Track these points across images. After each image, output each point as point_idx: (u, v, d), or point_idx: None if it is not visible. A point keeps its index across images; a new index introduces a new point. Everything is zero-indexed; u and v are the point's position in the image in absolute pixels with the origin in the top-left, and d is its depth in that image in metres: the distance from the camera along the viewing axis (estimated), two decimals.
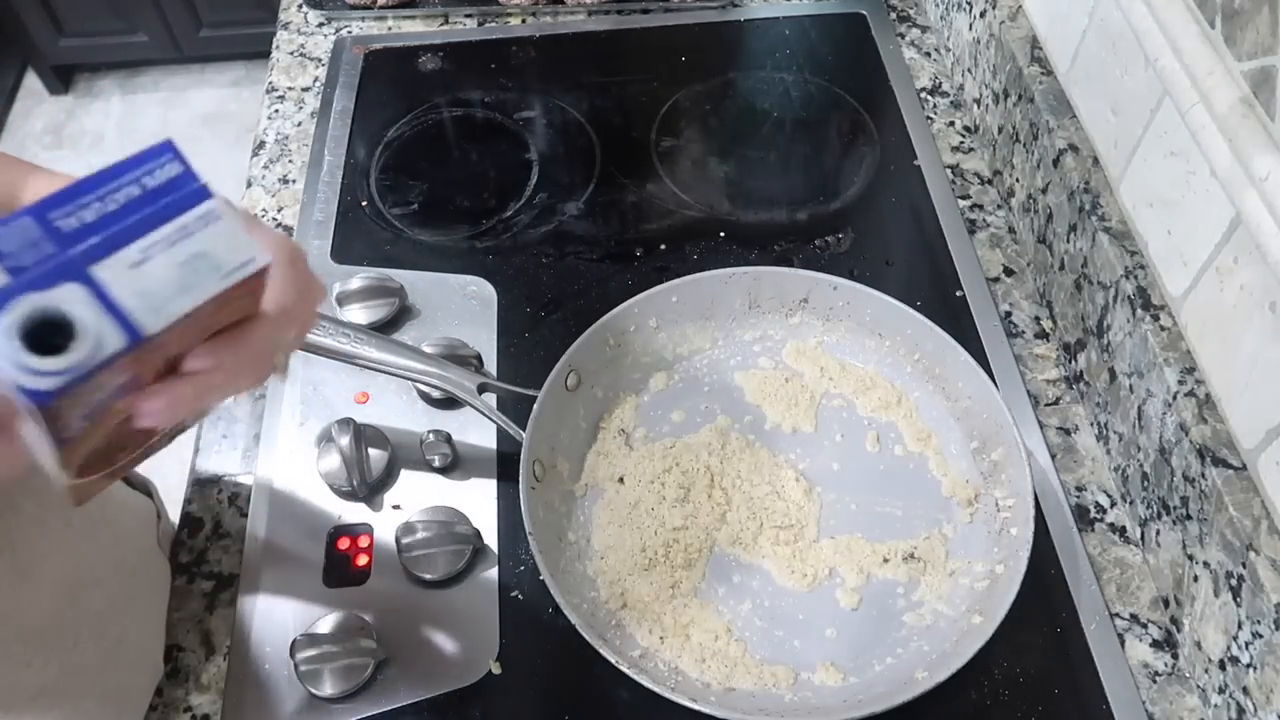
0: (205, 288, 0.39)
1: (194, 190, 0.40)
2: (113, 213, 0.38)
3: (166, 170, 0.40)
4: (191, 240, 0.39)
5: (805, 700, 0.63)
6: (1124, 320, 0.71)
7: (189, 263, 0.39)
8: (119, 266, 0.37)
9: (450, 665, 0.65)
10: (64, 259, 0.36)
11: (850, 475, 0.73)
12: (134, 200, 0.39)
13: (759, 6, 1.09)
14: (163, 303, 0.38)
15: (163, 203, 0.39)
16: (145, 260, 0.38)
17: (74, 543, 0.60)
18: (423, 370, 0.70)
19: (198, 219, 0.39)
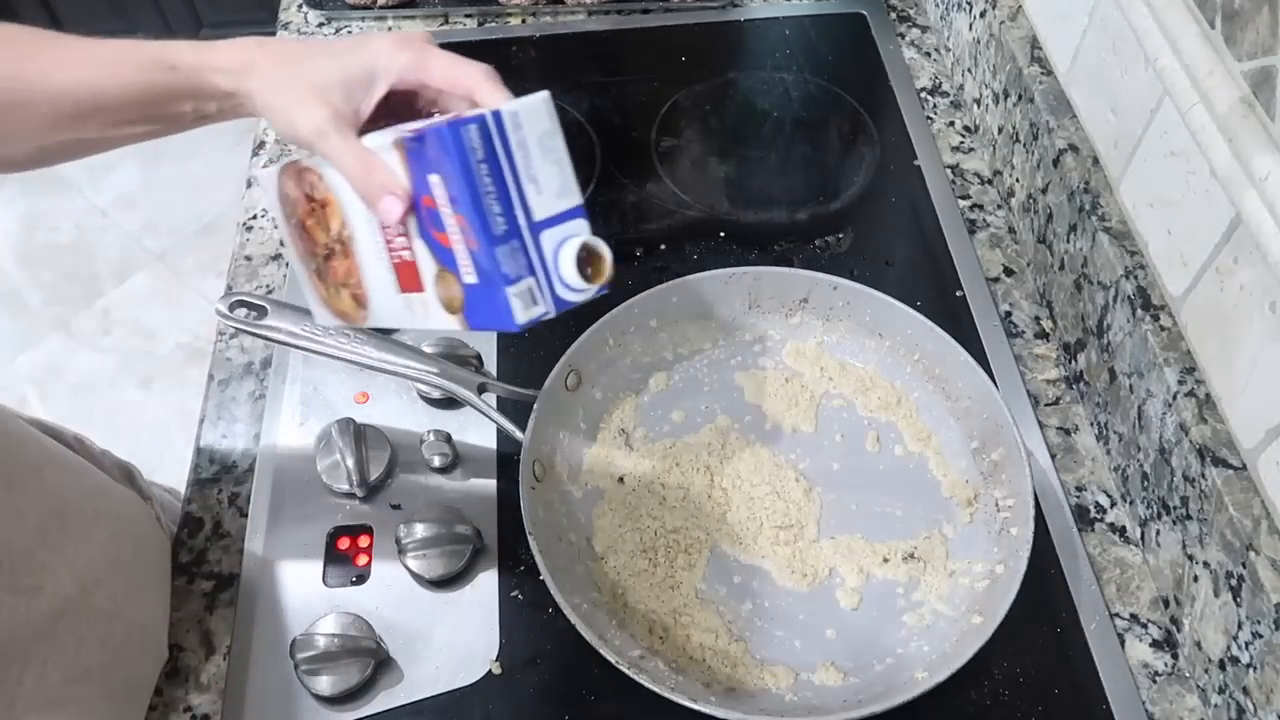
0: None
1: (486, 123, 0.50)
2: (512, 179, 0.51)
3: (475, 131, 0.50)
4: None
5: (805, 700, 0.63)
6: (1124, 320, 0.71)
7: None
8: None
9: (450, 665, 0.65)
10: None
11: (850, 475, 0.73)
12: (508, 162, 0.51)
13: (759, 6, 1.09)
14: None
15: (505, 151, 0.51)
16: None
17: (70, 549, 0.59)
18: (423, 370, 0.70)
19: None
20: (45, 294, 2.12)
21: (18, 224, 2.24)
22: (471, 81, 0.55)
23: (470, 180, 0.49)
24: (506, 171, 0.51)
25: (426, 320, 0.57)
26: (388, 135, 0.53)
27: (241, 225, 0.91)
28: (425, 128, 0.51)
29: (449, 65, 0.56)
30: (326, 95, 0.54)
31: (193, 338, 2.03)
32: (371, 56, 0.55)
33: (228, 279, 0.87)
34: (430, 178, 0.51)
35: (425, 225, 0.53)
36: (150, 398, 1.96)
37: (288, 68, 0.55)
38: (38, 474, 0.59)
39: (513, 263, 0.51)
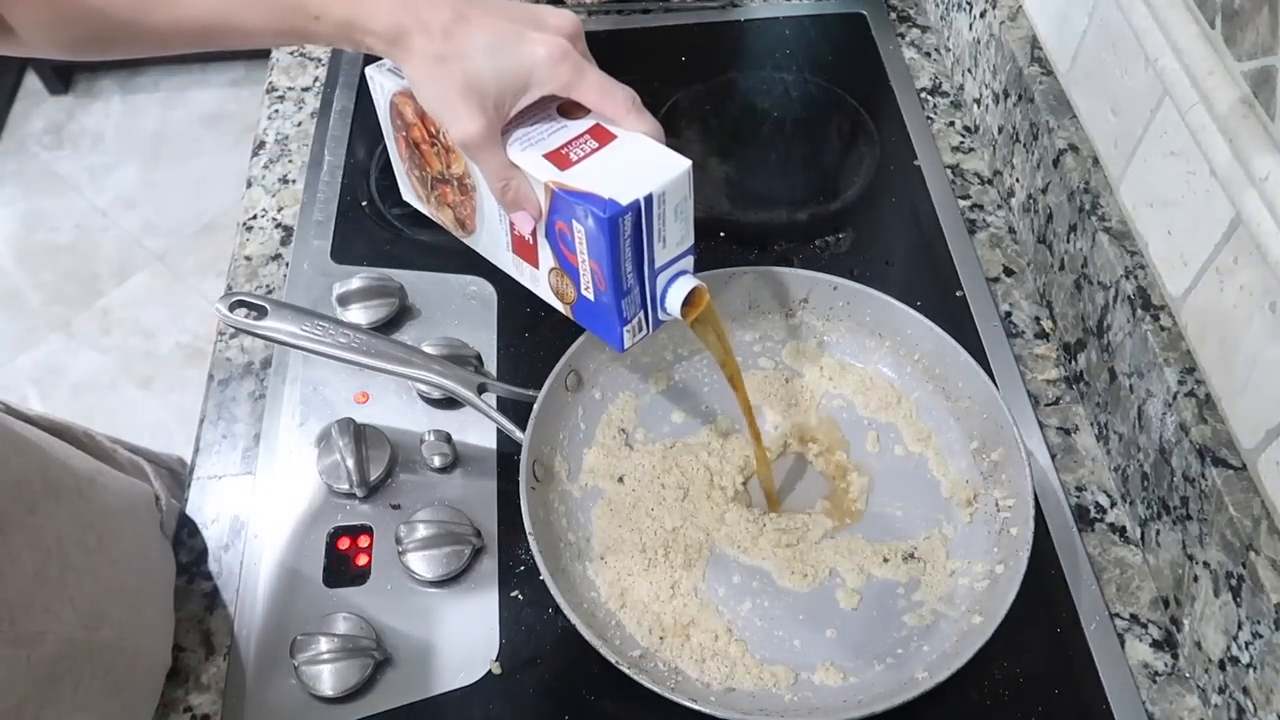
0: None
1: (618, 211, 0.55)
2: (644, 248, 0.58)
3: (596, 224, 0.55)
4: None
5: (805, 700, 0.63)
6: (1124, 320, 0.71)
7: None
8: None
9: (450, 665, 0.65)
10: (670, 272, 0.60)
11: (849, 476, 0.73)
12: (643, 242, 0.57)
13: (759, 6, 1.09)
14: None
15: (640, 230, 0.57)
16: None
17: (73, 588, 0.57)
18: (423, 370, 0.70)
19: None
20: (45, 294, 2.12)
21: (18, 224, 2.24)
22: (618, 109, 0.58)
23: (614, 253, 0.55)
24: (645, 240, 0.57)
25: (533, 287, 0.64)
26: (539, 163, 0.57)
27: (241, 225, 0.91)
28: (578, 190, 0.55)
29: (600, 90, 0.57)
30: (481, 101, 0.55)
31: (193, 338, 2.03)
32: (529, 66, 0.55)
33: (228, 279, 0.87)
34: (574, 225, 0.56)
35: (554, 235, 0.58)
36: (150, 398, 1.96)
37: (442, 58, 0.54)
38: (31, 514, 0.55)
39: (631, 307, 0.59)
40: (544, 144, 0.58)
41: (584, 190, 0.55)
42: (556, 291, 0.62)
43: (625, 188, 0.55)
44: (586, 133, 0.58)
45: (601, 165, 0.57)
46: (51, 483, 0.58)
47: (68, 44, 0.57)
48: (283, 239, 0.89)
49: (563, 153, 0.57)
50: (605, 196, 0.54)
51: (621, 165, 0.57)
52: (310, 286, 0.84)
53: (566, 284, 0.61)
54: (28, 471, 0.56)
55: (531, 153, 0.57)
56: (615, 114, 0.58)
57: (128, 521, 0.66)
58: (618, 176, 0.56)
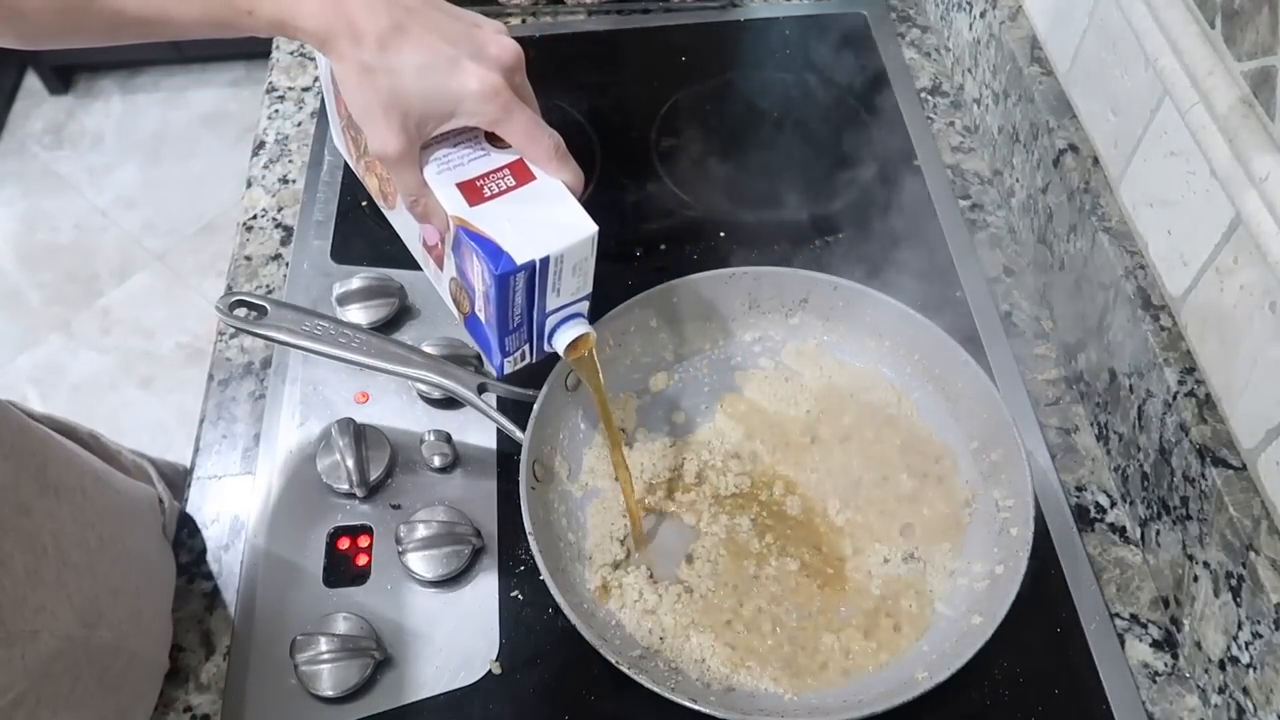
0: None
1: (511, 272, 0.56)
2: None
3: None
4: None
5: (805, 700, 0.63)
6: (1124, 320, 0.71)
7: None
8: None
9: (450, 665, 0.65)
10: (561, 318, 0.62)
11: (850, 475, 0.73)
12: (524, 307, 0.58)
13: (759, 6, 1.09)
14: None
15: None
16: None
17: (71, 586, 0.56)
18: (423, 370, 0.70)
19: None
20: (45, 294, 2.12)
21: (18, 224, 2.24)
22: (540, 154, 0.58)
23: (503, 302, 0.56)
24: (537, 292, 0.58)
25: (436, 284, 0.65)
26: (450, 198, 0.57)
27: (241, 225, 0.91)
28: (481, 234, 0.55)
29: (526, 133, 0.57)
30: (403, 119, 0.55)
31: (193, 338, 2.03)
32: (458, 97, 0.55)
33: (228, 279, 0.87)
34: (470, 267, 0.57)
35: (458, 253, 0.58)
36: (150, 398, 1.96)
37: (370, 69, 0.54)
38: (26, 515, 0.55)
39: (515, 342, 0.61)
40: (461, 170, 0.58)
41: (486, 235, 0.55)
42: (454, 299, 0.63)
43: (526, 243, 0.55)
44: (506, 167, 0.58)
45: (511, 209, 0.57)
46: (51, 481, 0.58)
47: (20, 33, 0.57)
48: (283, 239, 0.89)
49: (477, 184, 0.57)
50: (504, 248, 0.54)
51: (530, 215, 0.57)
52: (310, 286, 0.84)
53: (463, 296, 0.61)
54: (22, 473, 0.56)
55: (446, 177, 0.57)
56: (538, 159, 0.58)
57: (130, 522, 0.66)
58: (523, 228, 0.56)
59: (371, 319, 0.80)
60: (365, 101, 0.55)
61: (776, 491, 0.72)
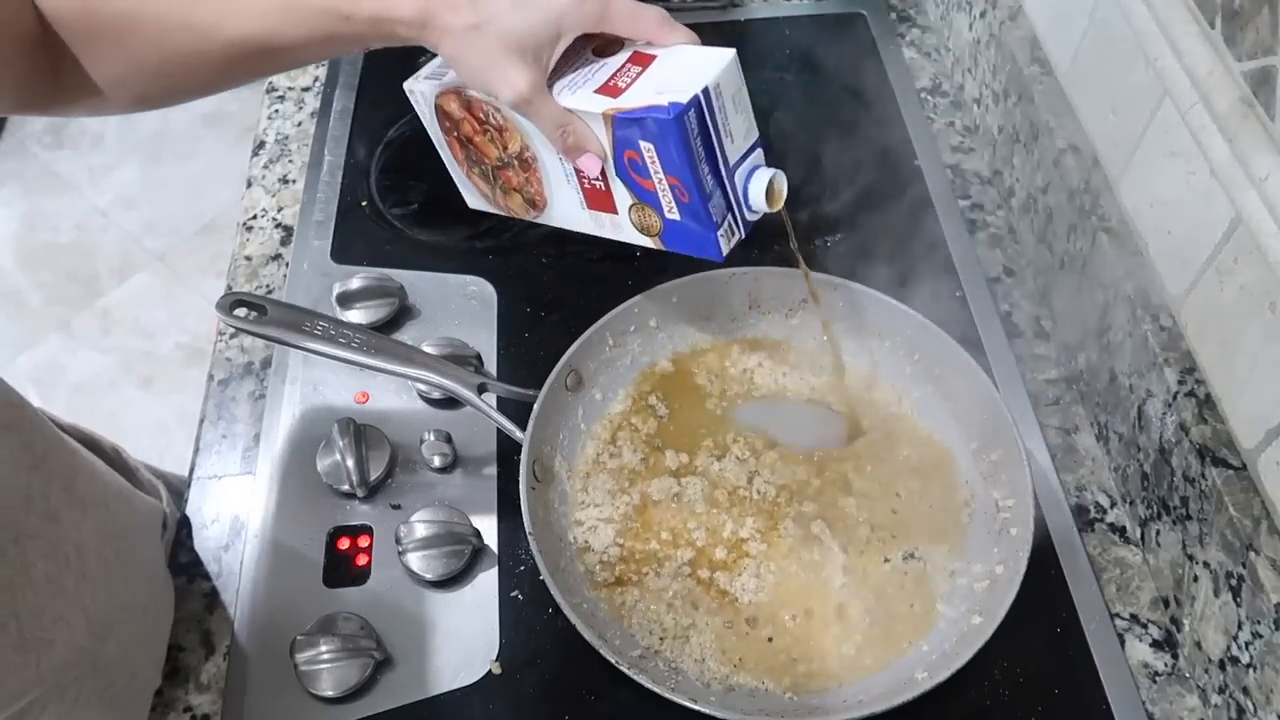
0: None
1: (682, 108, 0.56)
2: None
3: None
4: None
5: (805, 700, 0.63)
6: (1124, 320, 0.71)
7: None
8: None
9: (450, 665, 0.65)
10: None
11: (850, 475, 0.73)
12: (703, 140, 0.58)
13: (759, 6, 1.09)
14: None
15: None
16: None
17: (88, 598, 0.57)
18: (423, 370, 0.70)
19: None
20: (45, 294, 2.12)
21: (18, 224, 2.24)
22: (650, 29, 0.59)
23: (688, 155, 0.56)
24: (714, 136, 0.58)
25: (617, 234, 0.65)
26: (591, 99, 0.58)
27: (241, 225, 0.91)
28: (637, 108, 0.56)
29: (629, 15, 0.59)
30: (521, 57, 0.56)
31: (193, 338, 2.03)
32: (557, 13, 0.56)
33: (228, 279, 0.87)
34: (642, 144, 0.57)
35: (625, 171, 0.59)
36: (150, 398, 1.96)
37: (475, 26, 0.55)
38: (54, 523, 0.56)
39: (719, 211, 0.60)
40: (590, 83, 0.59)
41: (642, 107, 0.56)
42: (640, 227, 0.63)
43: (680, 91, 0.56)
44: (627, 61, 0.60)
45: (651, 83, 0.58)
46: (79, 493, 0.59)
47: (140, 93, 0.59)
48: (283, 239, 0.89)
49: (611, 84, 0.59)
50: (664, 104, 0.56)
51: (669, 77, 0.58)
52: (310, 286, 0.84)
53: (649, 215, 0.62)
54: (53, 482, 0.56)
55: (581, 93, 0.59)
56: (649, 34, 0.60)
57: (143, 541, 0.67)
58: (670, 86, 0.57)
59: (371, 319, 0.80)
60: (482, 59, 0.56)
61: (775, 492, 0.72)
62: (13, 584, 0.51)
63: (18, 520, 0.53)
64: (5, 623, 0.51)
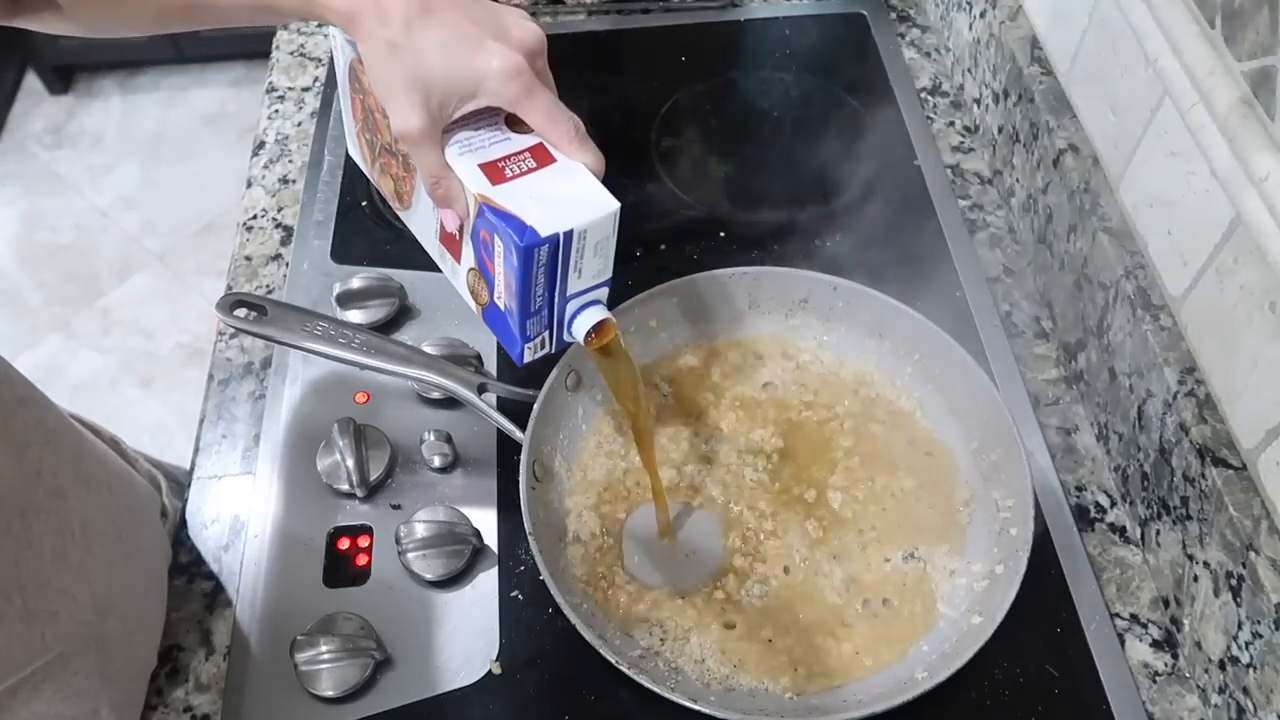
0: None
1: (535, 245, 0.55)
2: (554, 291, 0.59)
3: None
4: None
5: (805, 700, 0.63)
6: (1124, 320, 0.71)
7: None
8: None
9: (450, 665, 0.65)
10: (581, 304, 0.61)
11: (850, 475, 0.73)
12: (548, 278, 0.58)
13: (759, 6, 1.09)
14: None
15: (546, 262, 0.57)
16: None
17: (92, 574, 0.58)
18: (423, 370, 0.70)
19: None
20: (45, 294, 2.12)
21: (18, 224, 2.24)
22: (561, 137, 0.58)
23: (526, 280, 0.56)
24: (559, 270, 0.57)
25: (453, 279, 0.65)
26: (472, 177, 0.57)
27: (241, 225, 0.91)
28: (505, 210, 0.56)
29: (546, 114, 0.57)
30: (425, 97, 0.55)
31: (193, 338, 2.03)
32: (480, 76, 0.55)
33: (228, 279, 0.87)
34: (495, 242, 0.56)
35: (477, 240, 0.59)
36: (150, 398, 1.96)
37: (395, 46, 0.55)
38: (60, 499, 0.57)
39: (536, 327, 0.60)
40: (483, 152, 0.58)
41: (509, 211, 0.55)
42: (472, 291, 0.63)
43: (549, 218, 0.55)
44: (527, 150, 0.58)
45: (533, 188, 0.57)
46: (84, 472, 0.60)
47: (89, 14, 0.60)
48: (283, 239, 0.89)
49: (499, 166, 0.57)
50: (528, 223, 0.55)
51: (552, 193, 0.57)
52: (310, 286, 0.84)
53: (481, 286, 0.61)
54: (60, 459, 0.58)
55: (468, 159, 0.57)
56: (559, 141, 0.58)
57: (144, 523, 0.68)
58: (545, 204, 0.56)
59: (371, 319, 0.80)
60: (389, 79, 0.55)
61: (774, 492, 0.72)
62: (19, 558, 0.53)
63: (27, 495, 0.54)
64: (10, 594, 0.52)
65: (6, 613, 0.52)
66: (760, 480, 0.72)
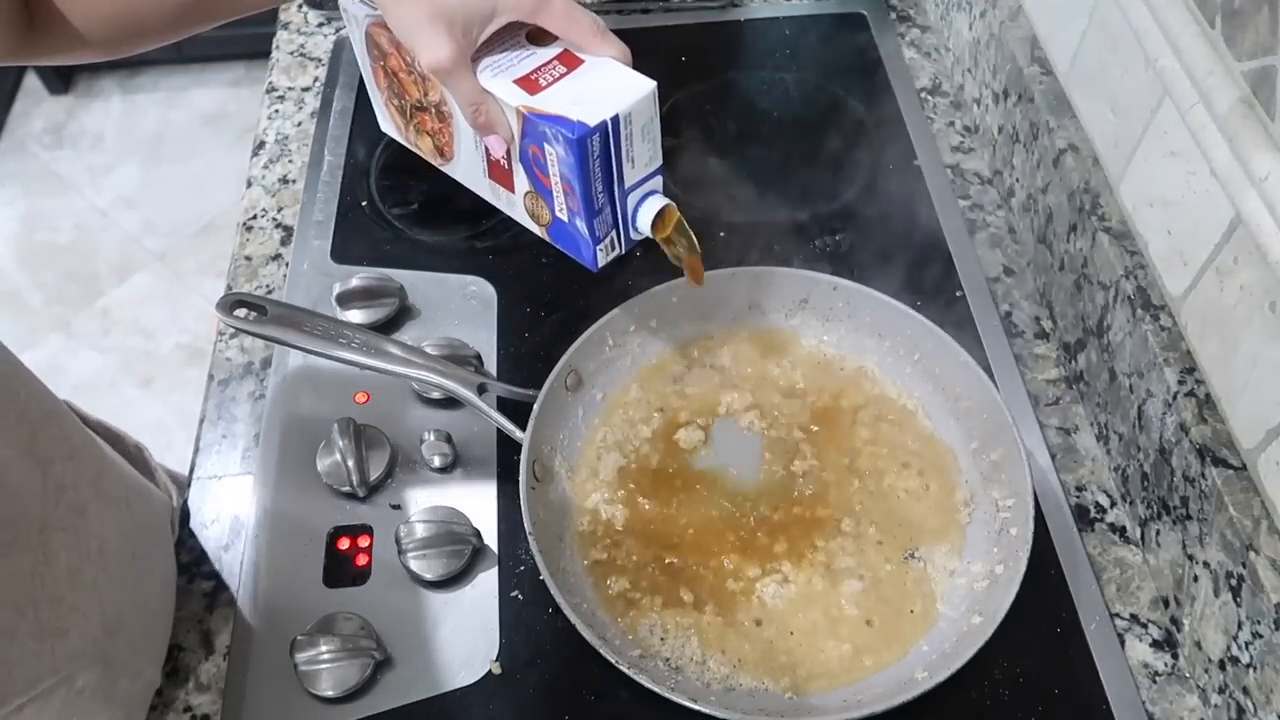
0: None
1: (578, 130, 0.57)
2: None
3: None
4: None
5: (805, 700, 0.63)
6: (1124, 320, 0.71)
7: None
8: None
9: (450, 665, 0.65)
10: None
11: (850, 475, 0.73)
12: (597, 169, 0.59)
13: (759, 6, 1.09)
14: None
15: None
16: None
17: (105, 593, 0.58)
18: (423, 370, 0.70)
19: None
20: (45, 294, 2.12)
21: (18, 224, 2.24)
22: (583, 35, 0.59)
23: (584, 173, 0.58)
24: (614, 159, 0.59)
25: (510, 211, 0.67)
26: (510, 93, 0.59)
27: (241, 225, 0.91)
28: (548, 114, 0.57)
29: (565, 15, 0.58)
30: (450, 28, 0.56)
31: (193, 338, 2.03)
32: None
33: (228, 279, 0.87)
34: (546, 148, 0.58)
35: (527, 159, 0.60)
36: (150, 398, 1.96)
37: None
38: (81, 516, 0.57)
39: (603, 227, 0.62)
40: (513, 70, 0.59)
41: (553, 113, 0.57)
42: (532, 214, 0.64)
43: (592, 110, 0.57)
44: (555, 59, 0.60)
45: (569, 89, 0.58)
46: (105, 489, 0.60)
47: (107, 34, 0.60)
48: (283, 239, 0.89)
49: (532, 78, 0.59)
50: (574, 119, 0.56)
51: (588, 89, 0.59)
52: (310, 286, 0.84)
53: (541, 207, 0.63)
54: (83, 475, 0.57)
55: (502, 79, 0.59)
56: (581, 39, 0.59)
57: (158, 542, 0.67)
58: (585, 100, 0.58)
59: (371, 319, 0.80)
60: (411, 19, 0.56)
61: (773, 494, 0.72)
62: (36, 572, 0.52)
63: (48, 510, 0.54)
64: (25, 610, 0.52)
65: (20, 629, 0.51)
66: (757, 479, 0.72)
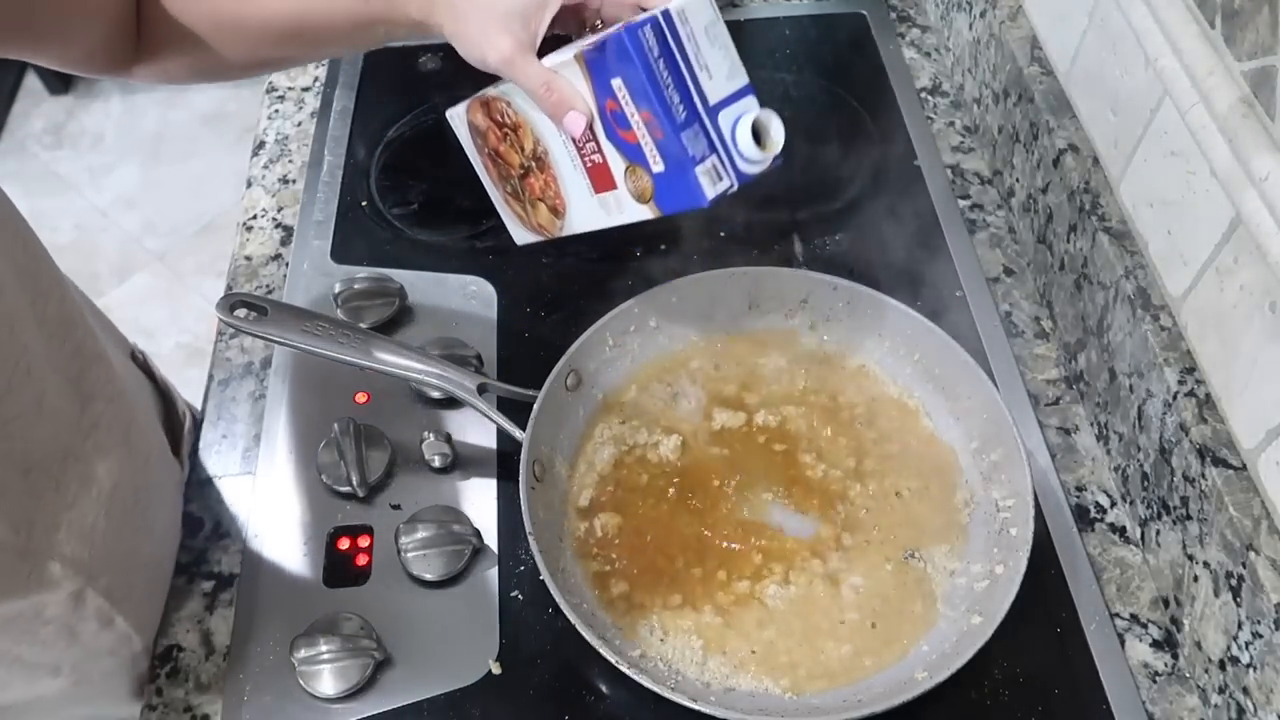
0: None
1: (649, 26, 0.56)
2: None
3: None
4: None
5: (805, 700, 0.63)
6: (1124, 320, 0.71)
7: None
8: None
9: (450, 665, 0.65)
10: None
11: (850, 475, 0.73)
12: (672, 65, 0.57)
13: (759, 6, 1.09)
14: None
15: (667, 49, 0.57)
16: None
17: (99, 535, 0.60)
18: (423, 370, 0.70)
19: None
20: None
21: None
22: None
23: (651, 76, 0.56)
24: (681, 63, 0.57)
25: (621, 215, 0.64)
26: (567, 51, 0.59)
27: (241, 225, 0.91)
28: (602, 38, 0.57)
29: None
30: (508, 24, 0.59)
31: (193, 338, 2.03)
32: None
33: (228, 279, 0.87)
34: (613, 82, 0.57)
35: (611, 128, 0.60)
36: None
37: (466, 3, 0.59)
38: (102, 456, 0.61)
39: (697, 144, 0.59)
40: (574, 47, 0.61)
41: (606, 36, 0.57)
42: (636, 194, 0.62)
43: (643, 18, 0.57)
44: (611, 29, 0.60)
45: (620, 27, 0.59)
46: (131, 440, 0.65)
47: (196, 62, 0.64)
48: (283, 239, 0.89)
49: (591, 40, 0.60)
50: (623, 30, 0.57)
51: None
52: (310, 286, 0.84)
53: (641, 177, 0.61)
54: (116, 420, 0.63)
55: (563, 54, 0.60)
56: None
57: (166, 506, 0.70)
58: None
59: (371, 319, 0.80)
60: (476, 29, 0.59)
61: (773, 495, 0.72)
62: (42, 497, 0.56)
63: (74, 442, 0.58)
64: (19, 528, 0.54)
65: (8, 544, 0.54)
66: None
